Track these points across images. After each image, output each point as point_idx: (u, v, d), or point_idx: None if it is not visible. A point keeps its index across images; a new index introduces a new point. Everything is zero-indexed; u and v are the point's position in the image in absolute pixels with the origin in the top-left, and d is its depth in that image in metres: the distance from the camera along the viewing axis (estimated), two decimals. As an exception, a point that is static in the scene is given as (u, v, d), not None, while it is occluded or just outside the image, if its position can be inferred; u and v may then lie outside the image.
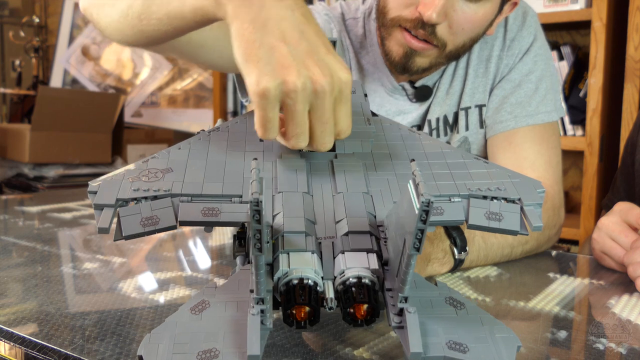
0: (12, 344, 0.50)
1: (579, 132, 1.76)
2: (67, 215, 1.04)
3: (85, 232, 0.93)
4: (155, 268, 0.73)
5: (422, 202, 0.35)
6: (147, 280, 0.68)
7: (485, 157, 0.96)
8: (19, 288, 0.64)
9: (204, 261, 0.79)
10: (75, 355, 0.46)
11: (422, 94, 0.97)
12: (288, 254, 0.42)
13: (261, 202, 0.35)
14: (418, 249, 0.36)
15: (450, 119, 0.97)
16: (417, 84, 0.97)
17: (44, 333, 0.51)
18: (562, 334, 0.55)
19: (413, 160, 0.42)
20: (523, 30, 0.95)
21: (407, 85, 0.96)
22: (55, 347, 0.48)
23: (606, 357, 0.50)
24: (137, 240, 0.87)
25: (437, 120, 0.97)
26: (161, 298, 0.61)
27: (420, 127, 0.98)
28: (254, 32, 0.51)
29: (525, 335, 0.54)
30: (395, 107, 0.97)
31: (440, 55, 0.87)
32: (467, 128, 0.96)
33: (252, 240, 0.36)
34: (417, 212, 0.35)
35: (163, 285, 0.66)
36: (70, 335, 0.51)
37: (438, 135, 0.97)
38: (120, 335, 0.51)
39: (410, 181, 0.38)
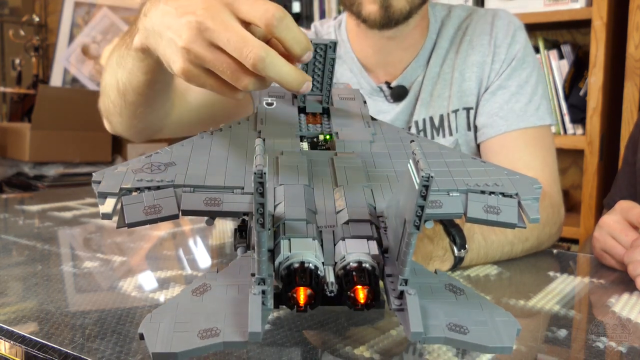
0: (12, 342, 0.50)
1: (579, 131, 1.76)
2: (67, 214, 1.04)
3: (85, 231, 0.93)
4: (155, 267, 0.74)
5: (422, 177, 0.35)
6: (147, 279, 0.68)
7: None
8: (19, 287, 0.64)
9: (204, 260, 0.79)
10: (75, 354, 0.46)
11: (398, 94, 0.99)
12: (289, 239, 0.43)
13: (265, 173, 0.35)
14: (418, 227, 0.37)
15: (436, 121, 0.98)
16: (393, 84, 0.99)
17: (44, 332, 0.51)
18: (562, 332, 0.55)
19: (413, 141, 0.43)
20: (508, 37, 0.98)
21: (385, 87, 0.99)
22: (55, 346, 0.48)
23: (606, 356, 0.50)
24: (137, 239, 0.87)
25: (424, 121, 0.98)
26: (161, 297, 0.61)
27: (404, 129, 0.99)
28: (153, 40, 0.59)
29: (525, 333, 0.54)
30: (373, 108, 0.99)
31: None
32: (456, 130, 0.98)
33: (255, 215, 0.36)
34: (417, 187, 0.36)
35: (163, 284, 0.66)
36: (71, 334, 0.51)
37: (425, 137, 0.99)
38: (121, 333, 0.51)
39: (410, 160, 0.39)
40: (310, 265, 0.41)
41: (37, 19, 3.52)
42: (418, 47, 0.99)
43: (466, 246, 0.71)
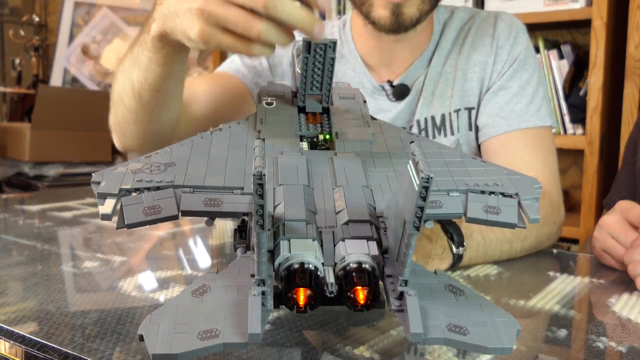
0: (12, 342, 0.50)
1: (579, 130, 1.76)
2: (67, 214, 1.04)
3: (85, 230, 0.93)
4: (155, 267, 0.74)
5: (422, 178, 0.35)
6: (147, 279, 0.68)
7: None
8: (19, 287, 0.64)
9: (204, 260, 0.79)
10: (75, 353, 0.46)
11: (400, 92, 1.00)
12: (289, 240, 0.43)
13: (264, 175, 0.35)
14: (418, 228, 0.37)
15: (438, 121, 0.98)
16: (395, 83, 1.00)
17: (44, 332, 0.51)
18: (562, 332, 0.55)
19: (412, 142, 0.43)
20: (510, 38, 0.99)
21: (387, 85, 1.00)
22: (55, 346, 0.48)
23: (606, 356, 0.50)
24: (137, 239, 0.87)
25: (425, 120, 0.99)
26: (161, 297, 0.61)
27: (405, 128, 1.00)
28: (171, 23, 0.64)
29: (525, 333, 0.54)
30: (374, 107, 1.00)
31: (424, 1, 0.91)
32: (458, 130, 0.98)
33: (255, 216, 0.36)
34: (417, 189, 0.36)
35: (163, 284, 0.66)
36: (71, 334, 0.51)
37: (427, 136, 0.99)
38: (121, 333, 0.51)
39: (410, 161, 0.39)
40: (310, 266, 0.41)
41: (37, 19, 3.52)
42: (422, 48, 1.00)
43: (464, 243, 0.71)
